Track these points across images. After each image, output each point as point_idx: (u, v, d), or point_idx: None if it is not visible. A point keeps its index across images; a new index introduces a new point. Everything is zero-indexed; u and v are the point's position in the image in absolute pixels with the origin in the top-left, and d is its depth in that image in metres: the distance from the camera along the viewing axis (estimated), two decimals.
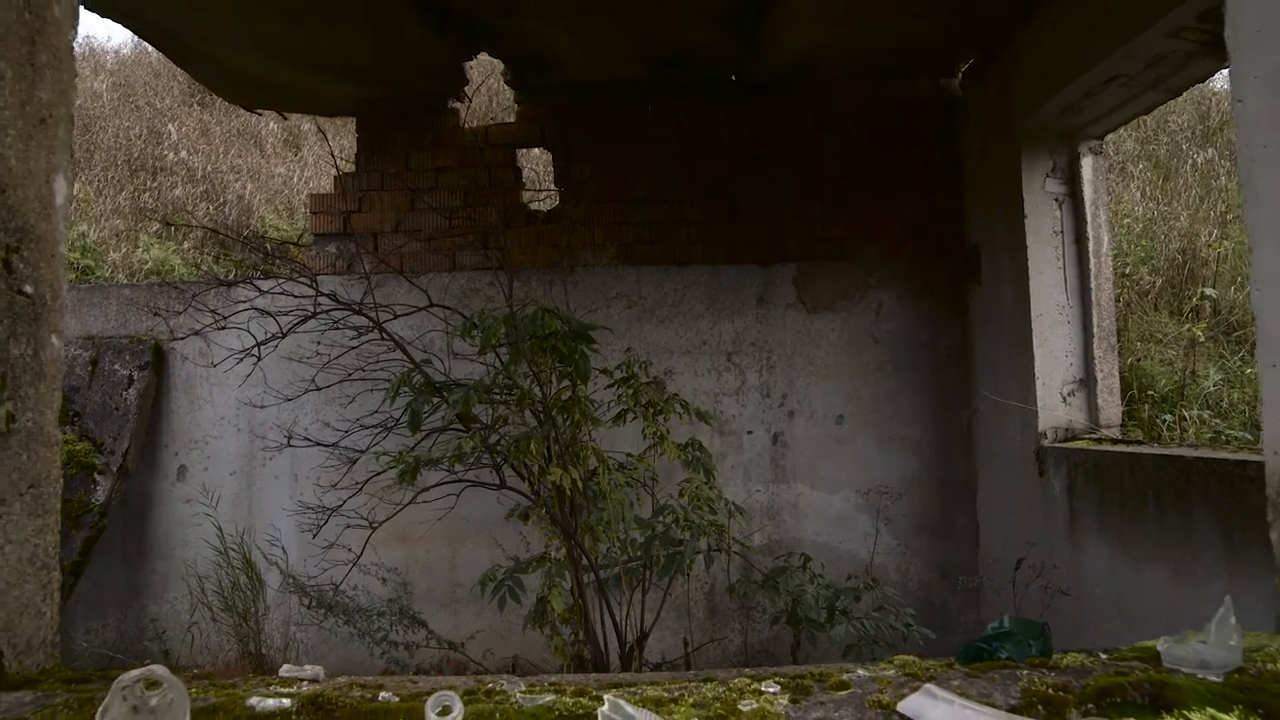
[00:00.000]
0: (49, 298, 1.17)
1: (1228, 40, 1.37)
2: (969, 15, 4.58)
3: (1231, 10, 1.34)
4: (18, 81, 1.08)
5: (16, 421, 1.10)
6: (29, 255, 1.12)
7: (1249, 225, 1.33)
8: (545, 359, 3.60)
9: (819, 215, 5.37)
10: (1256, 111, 1.28)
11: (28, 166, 1.10)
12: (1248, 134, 1.31)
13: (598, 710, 0.87)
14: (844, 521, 5.23)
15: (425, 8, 4.35)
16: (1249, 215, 1.33)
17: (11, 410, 1.09)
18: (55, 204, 1.18)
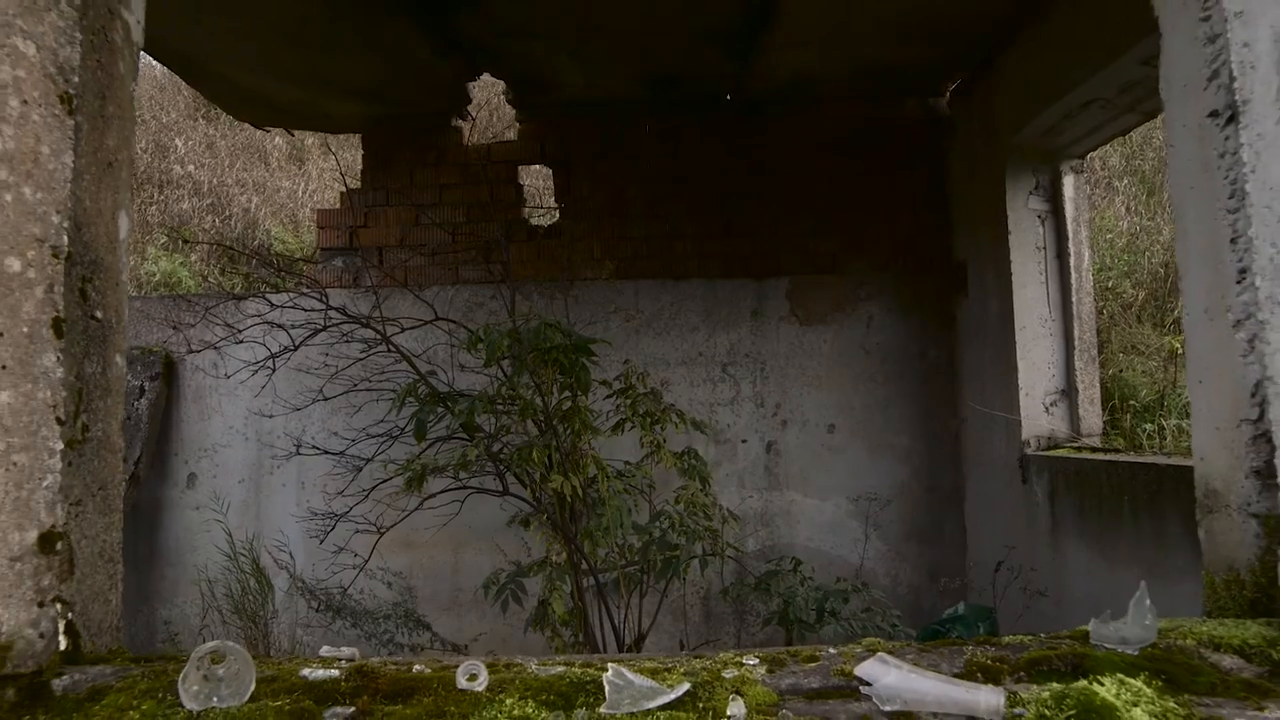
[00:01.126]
0: (114, 322, 1.33)
1: (1162, 92, 1.54)
2: (954, 39, 4.76)
3: (1164, 67, 1.51)
4: (91, 132, 1.25)
5: (90, 432, 1.26)
6: (99, 285, 1.28)
7: (1179, 257, 1.50)
8: (547, 371, 3.75)
9: (811, 230, 5.54)
10: (1184, 157, 1.44)
11: (98, 206, 1.27)
12: (1177, 177, 1.47)
13: (602, 677, 1.03)
14: (836, 528, 5.38)
15: (432, 31, 4.52)
16: (1179, 248, 1.49)
17: (85, 422, 1.25)
18: (119, 238, 1.34)
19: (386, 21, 4.32)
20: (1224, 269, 1.29)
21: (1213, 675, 1.05)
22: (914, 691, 0.99)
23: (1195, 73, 1.35)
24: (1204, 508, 1.41)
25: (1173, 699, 0.98)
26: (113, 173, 1.32)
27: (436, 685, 1.05)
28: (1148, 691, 0.98)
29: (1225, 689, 1.03)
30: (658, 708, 0.97)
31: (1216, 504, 1.37)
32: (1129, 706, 0.94)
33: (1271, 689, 1.03)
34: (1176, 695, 1.00)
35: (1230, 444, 1.31)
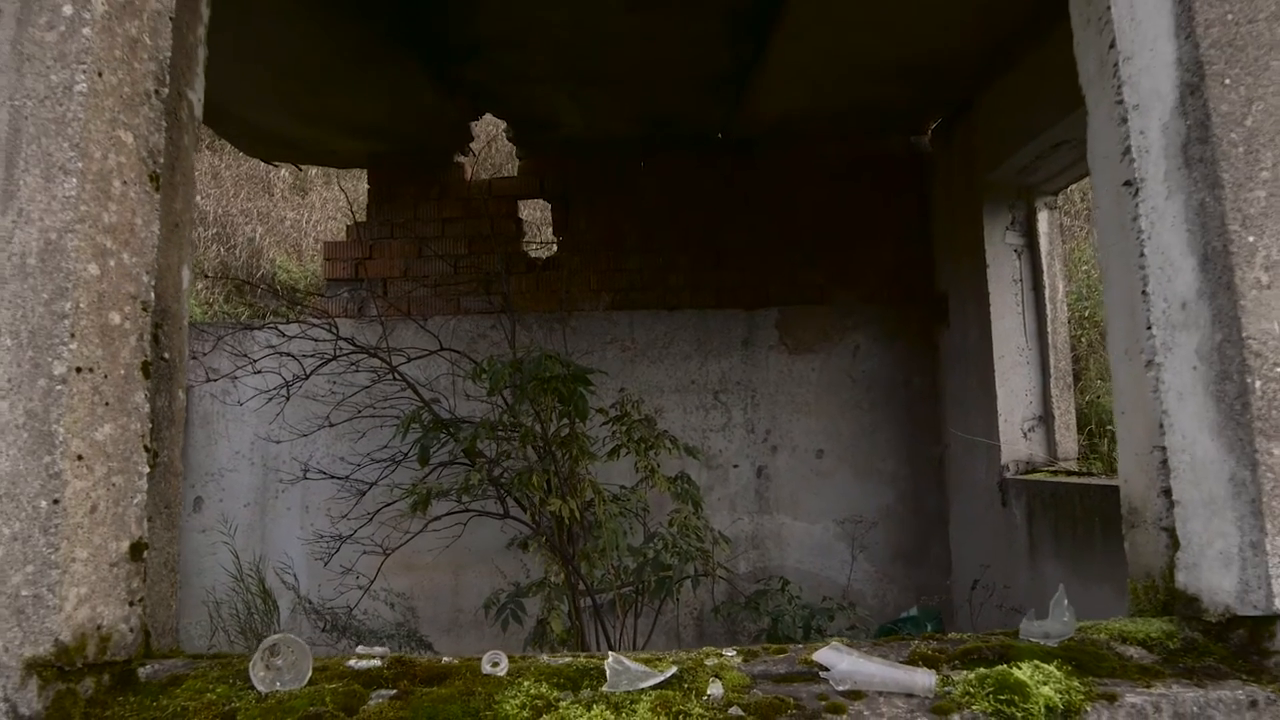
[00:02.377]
0: (178, 361, 1.54)
1: (1089, 160, 1.76)
2: (933, 83, 5.02)
3: (1090, 139, 1.73)
4: (163, 199, 1.46)
5: (159, 457, 1.46)
6: (168, 330, 1.48)
7: (1105, 303, 1.71)
8: (547, 399, 3.95)
9: (799, 262, 5.77)
10: (1106, 218, 1.66)
11: (168, 262, 1.47)
12: (1102, 234, 1.69)
13: (604, 664, 1.23)
14: (824, 550, 5.56)
15: (438, 76, 4.76)
16: (1105, 296, 1.71)
17: (156, 449, 1.45)
18: (183, 288, 1.55)
19: (396, 66, 4.56)
20: (1137, 317, 1.51)
21: (1116, 662, 1.25)
22: (863, 674, 1.18)
23: (1113, 147, 1.57)
24: (1128, 523, 1.61)
25: (1078, 680, 1.18)
26: (179, 232, 1.53)
27: (465, 672, 1.25)
28: (1057, 674, 1.18)
29: (1124, 673, 1.23)
30: (650, 687, 1.17)
31: (1137, 520, 1.57)
32: (1039, 685, 1.14)
33: (1162, 672, 1.23)
34: (1082, 677, 1.20)
35: (1145, 468, 1.52)
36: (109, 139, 1.26)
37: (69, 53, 1.22)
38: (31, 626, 1.12)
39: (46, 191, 1.19)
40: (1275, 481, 1.20)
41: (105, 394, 1.22)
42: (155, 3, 1.37)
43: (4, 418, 1.15)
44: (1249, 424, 1.22)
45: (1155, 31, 1.37)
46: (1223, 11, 1.30)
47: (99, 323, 1.23)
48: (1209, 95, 1.28)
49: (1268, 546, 1.19)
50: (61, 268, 1.18)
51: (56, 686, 1.14)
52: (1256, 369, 1.23)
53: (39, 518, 1.13)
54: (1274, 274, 1.25)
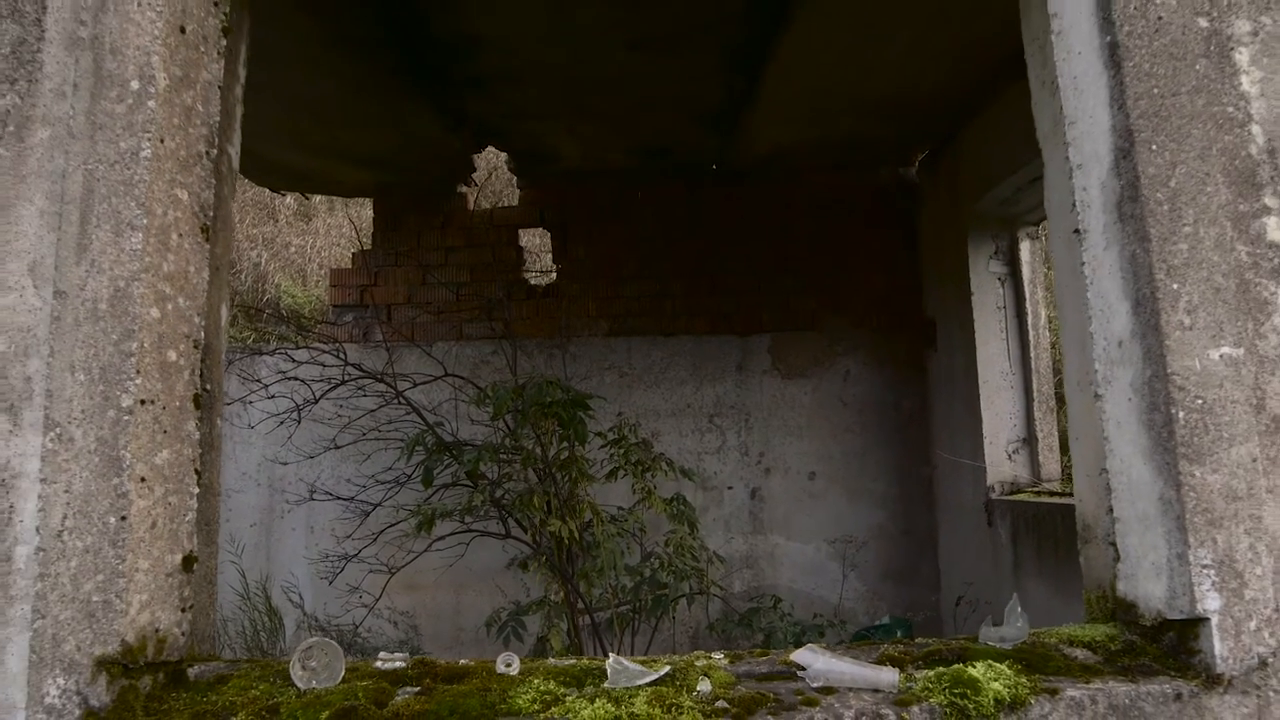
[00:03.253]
0: (217, 392, 1.69)
1: (1046, 207, 1.94)
2: (919, 117, 5.22)
3: (1046, 187, 1.90)
4: (211, 245, 1.62)
5: (202, 479, 1.61)
6: (209, 363, 1.64)
7: (1061, 338, 1.88)
8: (547, 423, 4.11)
9: (791, 289, 5.95)
10: (1060, 260, 1.82)
11: (211, 301, 1.64)
12: (1058, 275, 1.86)
13: (605, 664, 1.38)
14: (817, 569, 5.70)
15: (443, 111, 4.94)
16: (1061, 331, 1.87)
17: (202, 471, 1.61)
18: (222, 325, 1.71)
19: (403, 102, 4.74)
20: (1086, 352, 1.67)
21: (1062, 662, 1.40)
22: (835, 672, 1.33)
23: (1064, 198, 1.74)
24: (1082, 539, 1.77)
25: (1026, 677, 1.33)
26: (219, 274, 1.69)
27: (481, 672, 1.40)
28: (1008, 672, 1.33)
29: (1069, 671, 1.38)
30: (646, 684, 1.32)
31: (1089, 536, 1.73)
32: (990, 681, 1.29)
33: (1102, 670, 1.38)
34: (1030, 675, 1.34)
35: (1095, 489, 1.67)
36: (169, 197, 1.42)
37: (136, 122, 1.39)
38: (101, 628, 1.27)
39: (116, 245, 1.35)
40: (1196, 500, 1.36)
41: (164, 423, 1.38)
42: (206, 74, 1.55)
43: (78, 444, 1.30)
44: (1174, 450, 1.38)
45: (1094, 101, 1.55)
46: (1150, 86, 1.48)
47: (159, 360, 1.38)
48: (1138, 159, 1.45)
49: (1190, 558, 1.35)
50: (129, 312, 1.34)
51: (121, 682, 1.29)
52: (1180, 401, 1.39)
53: (108, 532, 1.29)
54: (1195, 317, 1.41)
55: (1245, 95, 1.57)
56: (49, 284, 1.40)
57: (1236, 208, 1.52)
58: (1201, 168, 1.46)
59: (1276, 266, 1.51)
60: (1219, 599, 1.34)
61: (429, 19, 3.87)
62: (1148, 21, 1.50)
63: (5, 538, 1.35)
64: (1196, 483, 1.36)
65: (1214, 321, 1.41)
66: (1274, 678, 1.34)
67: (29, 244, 1.43)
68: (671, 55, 4.24)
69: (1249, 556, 1.35)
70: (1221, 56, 1.58)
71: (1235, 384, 1.40)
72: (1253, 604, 1.34)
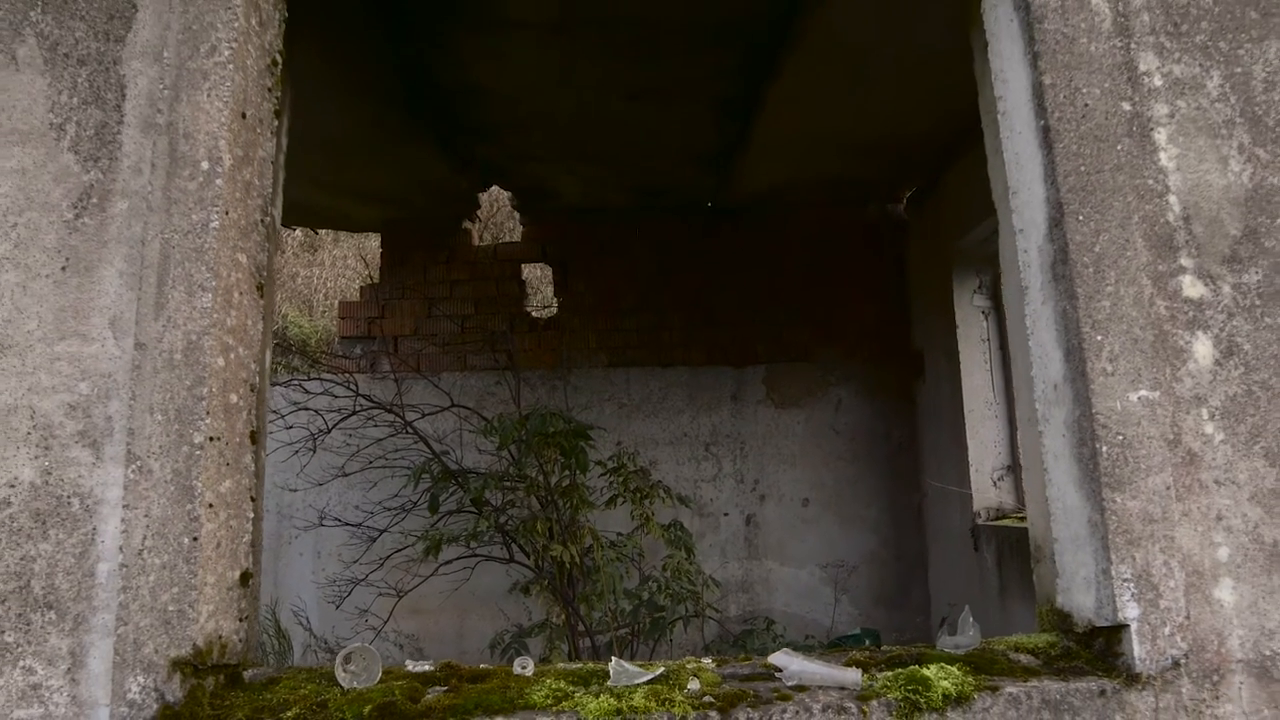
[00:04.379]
0: (262, 427, 1.90)
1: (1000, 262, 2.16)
2: (905, 159, 5.49)
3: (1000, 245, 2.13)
4: (263, 299, 1.84)
5: (255, 505, 1.83)
6: (258, 402, 1.86)
7: (1014, 381, 2.10)
8: (550, 452, 4.32)
9: (784, 322, 6.18)
10: (1012, 308, 2.04)
11: (261, 348, 1.86)
12: (1010, 323, 2.08)
13: (608, 666, 1.58)
14: (810, 594, 5.88)
15: (450, 153, 5.20)
16: (1013, 371, 2.09)
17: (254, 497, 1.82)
18: (267, 368, 1.93)
19: (412, 144, 5.00)
20: (1025, 393, 1.89)
21: (1006, 665, 1.61)
22: (807, 673, 1.54)
23: (1013, 257, 1.97)
24: (1034, 559, 1.98)
25: (972, 677, 1.53)
26: (267, 323, 1.92)
27: (500, 674, 1.60)
28: (957, 673, 1.53)
29: (1011, 672, 1.58)
30: (643, 683, 1.52)
31: (1040, 555, 1.94)
32: (940, 680, 1.50)
33: (1040, 672, 1.58)
34: (977, 675, 1.55)
35: (1042, 514, 1.88)
36: (232, 261, 1.65)
37: (206, 198, 1.62)
38: (175, 634, 1.48)
39: (189, 303, 1.58)
40: (1118, 523, 1.57)
41: (227, 456, 1.60)
42: (262, 151, 1.78)
43: (156, 475, 1.52)
44: (1099, 479, 1.59)
45: (1032, 175, 1.78)
46: (1077, 164, 1.71)
47: (224, 402, 1.60)
48: (1067, 228, 1.68)
49: (1113, 573, 1.56)
50: (200, 361, 1.56)
51: (191, 681, 1.49)
52: (1103, 437, 1.61)
53: (182, 551, 1.50)
54: (1116, 364, 1.63)
55: (1164, 169, 1.80)
56: (128, 335, 1.62)
57: (1156, 268, 1.75)
58: (1122, 235, 1.69)
59: (1192, 319, 1.74)
60: (1138, 608, 1.55)
61: (440, 72, 4.12)
62: (1075, 109, 1.73)
63: (89, 556, 1.56)
64: (1118, 508, 1.58)
65: (1133, 368, 1.63)
66: (1185, 676, 1.54)
67: (110, 301, 1.66)
68: (668, 105, 4.50)
69: (1163, 571, 1.56)
70: (1143, 136, 1.82)
71: (1151, 422, 1.62)
72: (1167, 612, 1.55)
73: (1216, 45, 1.89)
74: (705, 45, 3.89)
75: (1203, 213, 1.79)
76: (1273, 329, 1.75)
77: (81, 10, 1.80)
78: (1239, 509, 1.66)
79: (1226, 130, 1.84)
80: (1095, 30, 1.82)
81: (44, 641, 1.53)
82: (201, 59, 1.68)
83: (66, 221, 1.70)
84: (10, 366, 1.63)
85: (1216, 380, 1.72)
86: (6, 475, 1.59)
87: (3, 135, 1.73)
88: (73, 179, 1.72)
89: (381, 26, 3.54)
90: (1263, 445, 1.70)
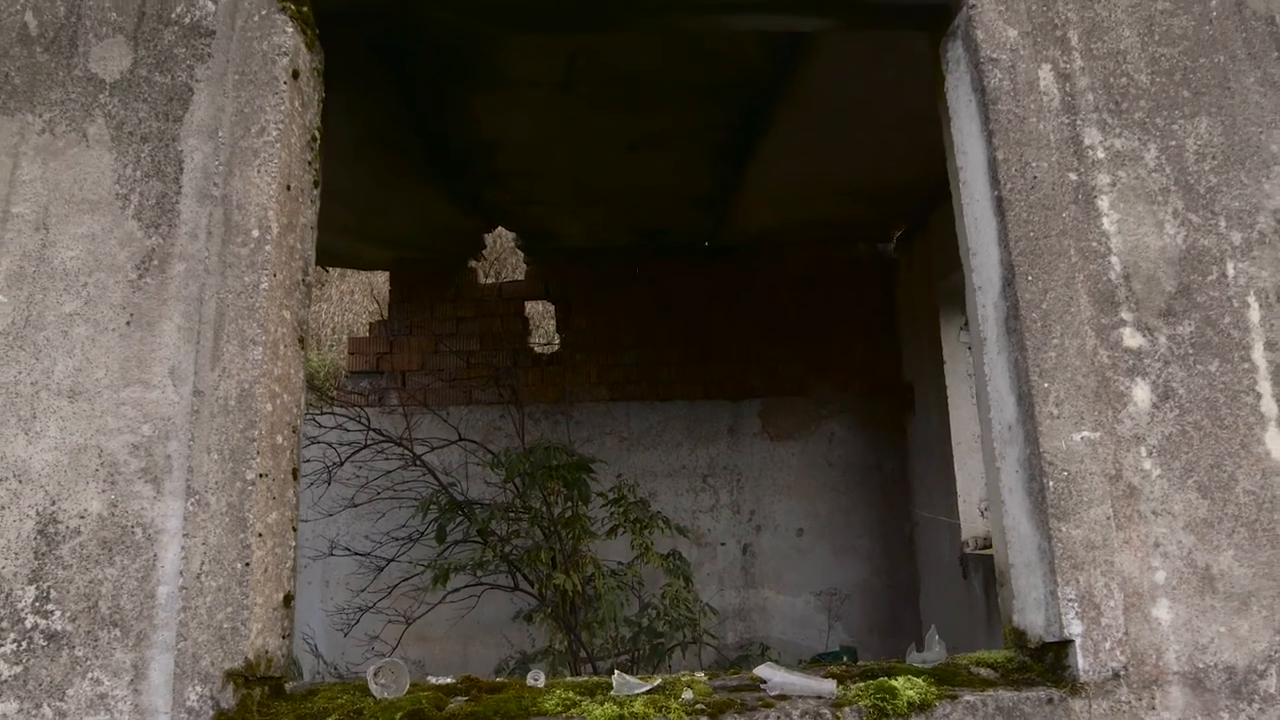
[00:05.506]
0: (298, 464, 2.11)
1: (967, 312, 2.38)
2: (893, 202, 5.74)
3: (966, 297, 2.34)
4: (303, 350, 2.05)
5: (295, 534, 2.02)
6: (296, 445, 2.06)
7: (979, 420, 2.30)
8: (553, 484, 4.51)
9: (779, 357, 6.40)
10: (977, 356, 2.26)
11: (300, 397, 2.06)
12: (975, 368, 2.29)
13: (611, 678, 1.78)
14: (805, 621, 6.04)
15: (458, 198, 5.44)
16: (979, 415, 2.30)
17: (295, 527, 2.01)
18: (301, 408, 2.14)
19: (424, 191, 5.24)
20: (986, 433, 2.09)
21: (966, 677, 1.80)
22: (789, 684, 1.73)
23: (974, 311, 2.18)
24: (999, 583, 2.17)
25: (935, 687, 1.72)
26: (303, 370, 2.12)
27: (515, 685, 1.79)
28: (922, 684, 1.72)
29: (971, 683, 1.77)
30: (643, 692, 1.72)
31: (1003, 580, 2.13)
32: (906, 689, 1.69)
33: (996, 683, 1.77)
34: (939, 686, 1.74)
35: (1003, 542, 2.08)
36: (278, 317, 1.86)
37: (257, 262, 1.84)
38: (229, 649, 1.67)
39: (242, 356, 1.79)
40: (1063, 550, 1.77)
41: (273, 491, 1.80)
42: (303, 218, 2.00)
43: (212, 508, 1.72)
44: (1046, 510, 1.79)
45: (988, 239, 2.00)
46: (1027, 230, 1.93)
47: (271, 443, 1.81)
48: (1018, 287, 1.90)
49: (1059, 594, 1.75)
50: (252, 407, 1.77)
51: (242, 691, 1.68)
52: (1050, 473, 1.81)
53: (236, 575, 1.70)
54: (1061, 408, 1.84)
55: (1106, 233, 2.03)
56: (186, 383, 1.83)
57: (1100, 321, 1.97)
58: (1067, 293, 1.91)
59: (1132, 366, 1.95)
60: (1081, 625, 1.74)
61: (453, 126, 4.37)
62: (1025, 180, 1.96)
63: (150, 579, 1.76)
64: (1063, 536, 1.78)
65: (1076, 411, 1.84)
66: (1124, 685, 1.73)
67: (169, 352, 1.87)
68: (666, 154, 4.75)
69: (1104, 593, 1.76)
70: (1088, 203, 2.04)
71: (1093, 459, 1.83)
72: (1107, 629, 1.75)
73: (1153, 121, 2.12)
74: (701, 102, 4.14)
75: (1141, 271, 2.01)
76: (1204, 375, 1.96)
77: (144, 93, 2.03)
78: (1175, 537, 1.86)
79: (1162, 197, 2.06)
80: (1044, 109, 2.05)
81: (110, 655, 1.72)
82: (252, 138, 1.91)
83: (131, 281, 1.92)
84: (81, 410, 1.84)
85: (1154, 421, 1.92)
86: (77, 507, 1.79)
87: (75, 205, 1.96)
88: (136, 243, 1.94)
89: (399, 87, 3.80)
90: (1196, 479, 1.90)
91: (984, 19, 2.05)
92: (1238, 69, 2.17)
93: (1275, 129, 2.13)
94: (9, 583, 1.75)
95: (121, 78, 2.04)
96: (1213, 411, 1.94)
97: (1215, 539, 1.87)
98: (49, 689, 1.70)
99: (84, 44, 2.07)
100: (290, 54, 1.97)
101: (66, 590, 1.75)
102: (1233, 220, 2.06)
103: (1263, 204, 2.08)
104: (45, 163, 1.98)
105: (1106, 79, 2.13)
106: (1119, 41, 2.16)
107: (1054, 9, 2.17)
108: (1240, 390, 1.96)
